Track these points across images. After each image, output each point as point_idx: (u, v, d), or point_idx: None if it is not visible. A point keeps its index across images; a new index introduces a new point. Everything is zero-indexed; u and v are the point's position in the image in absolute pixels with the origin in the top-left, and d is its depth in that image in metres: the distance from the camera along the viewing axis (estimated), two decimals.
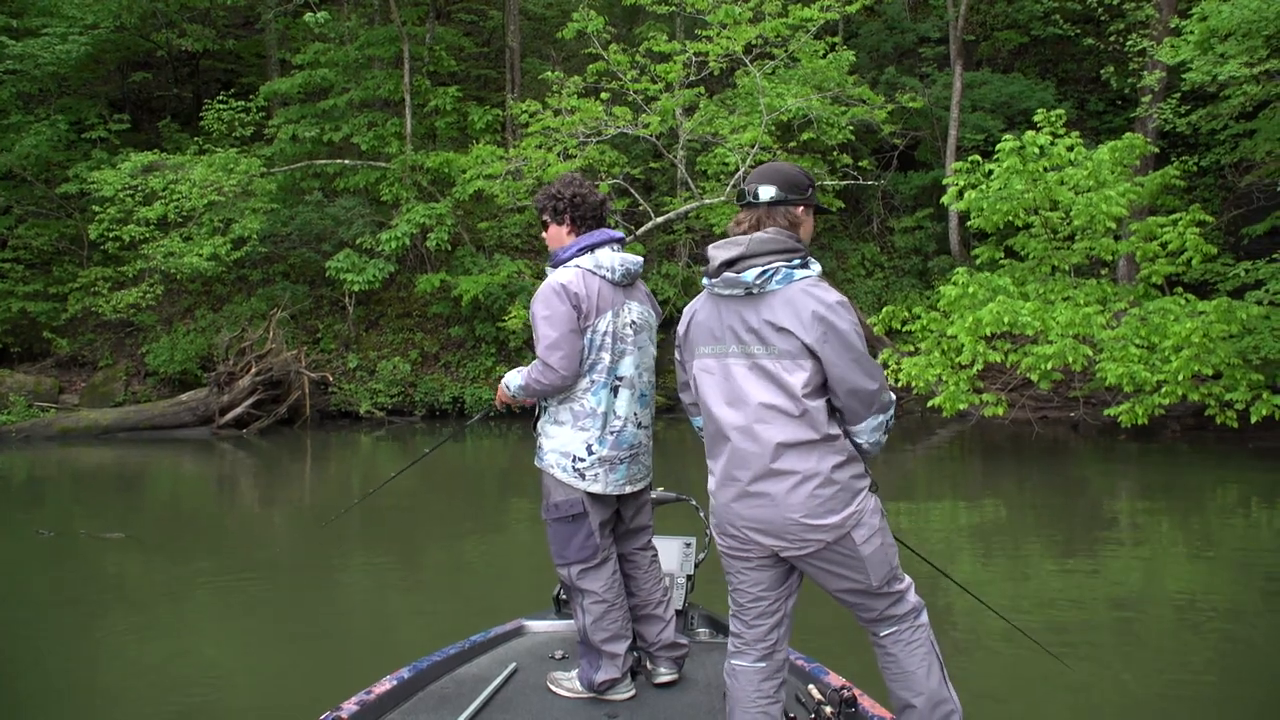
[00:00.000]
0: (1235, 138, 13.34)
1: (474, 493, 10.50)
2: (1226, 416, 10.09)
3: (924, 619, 2.62)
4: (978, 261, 12.80)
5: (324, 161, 15.86)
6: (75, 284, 15.19)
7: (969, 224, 12.65)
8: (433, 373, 15.90)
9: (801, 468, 2.45)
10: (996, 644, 4.83)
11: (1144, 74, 13.46)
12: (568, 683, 3.16)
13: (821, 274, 2.58)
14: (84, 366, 15.84)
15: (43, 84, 15.60)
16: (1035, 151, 10.99)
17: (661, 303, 14.36)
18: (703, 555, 3.92)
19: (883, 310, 12.75)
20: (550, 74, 14.77)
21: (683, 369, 2.76)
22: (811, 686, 3.03)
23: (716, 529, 2.64)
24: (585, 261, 3.07)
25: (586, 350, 3.03)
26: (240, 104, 15.95)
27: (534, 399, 3.15)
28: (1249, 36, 10.03)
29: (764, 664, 2.61)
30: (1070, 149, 11.16)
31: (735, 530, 2.56)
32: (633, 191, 14.87)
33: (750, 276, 2.48)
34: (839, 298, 2.49)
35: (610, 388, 3.06)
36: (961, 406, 10.82)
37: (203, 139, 15.74)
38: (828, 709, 2.87)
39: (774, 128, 14.39)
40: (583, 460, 3.04)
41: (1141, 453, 11.28)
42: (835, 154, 14.83)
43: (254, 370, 13.94)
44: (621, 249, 3.18)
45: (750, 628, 2.62)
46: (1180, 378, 9.64)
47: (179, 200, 14.08)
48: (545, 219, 3.19)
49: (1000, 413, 11.04)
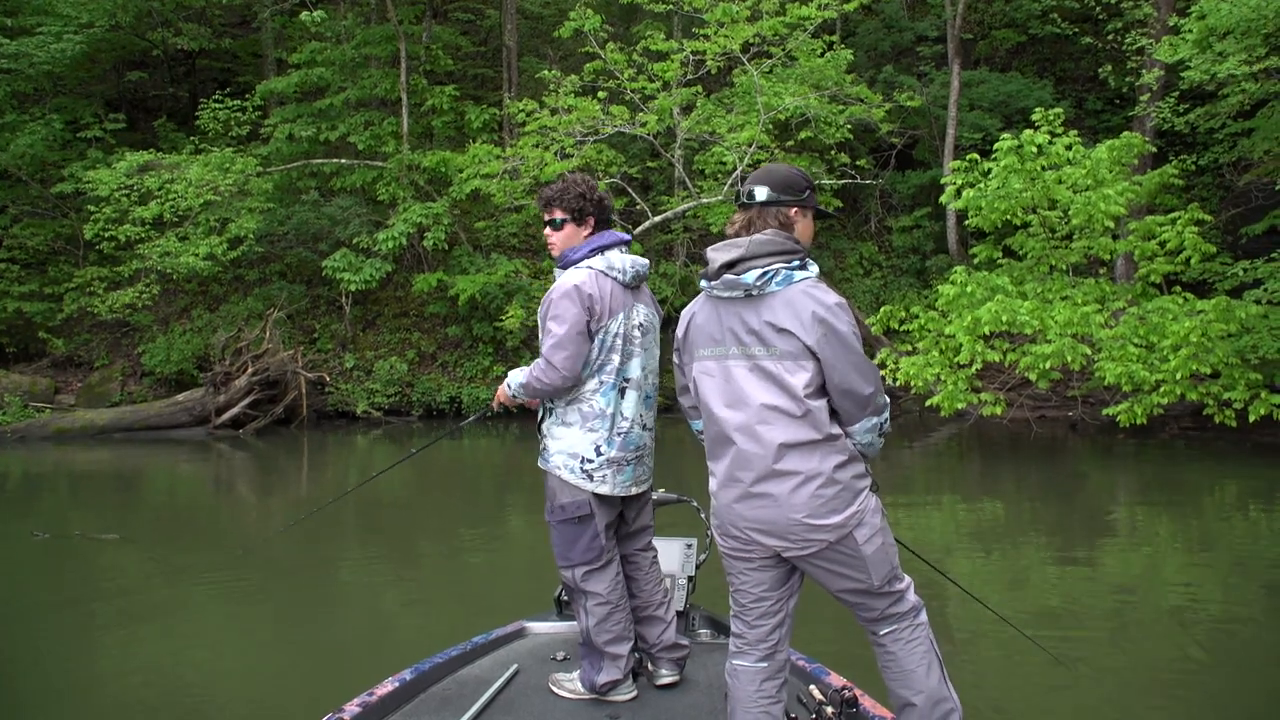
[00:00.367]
0: (1233, 136, 13.34)
1: (472, 493, 10.47)
2: (1225, 415, 10.09)
3: (923, 618, 2.64)
4: (976, 260, 12.79)
5: (320, 161, 15.83)
6: (71, 284, 15.15)
7: (967, 223, 12.65)
8: (430, 373, 15.87)
9: (804, 468, 2.45)
10: (994, 643, 4.82)
11: (1142, 72, 13.46)
12: (569, 684, 3.16)
13: (820, 275, 2.58)
14: (80, 367, 15.80)
15: (38, 83, 15.55)
16: (1033, 150, 10.99)
17: (659, 302, 14.32)
18: (704, 556, 3.92)
19: (881, 310, 12.74)
20: (547, 73, 14.76)
21: (682, 372, 2.76)
22: (813, 687, 3.03)
23: (718, 530, 2.64)
24: (597, 263, 3.06)
25: (597, 351, 3.02)
26: (236, 103, 15.91)
27: (534, 399, 3.14)
28: (1248, 34, 10.04)
29: (765, 664, 2.62)
30: (1068, 148, 11.15)
31: (738, 531, 2.57)
32: (630, 191, 14.86)
33: (750, 278, 2.49)
34: (838, 299, 2.50)
35: (618, 389, 3.06)
36: (960, 406, 10.81)
37: (199, 138, 15.70)
38: (829, 709, 2.87)
39: (771, 126, 14.39)
40: (591, 462, 3.04)
41: (1140, 452, 11.28)
42: (833, 153, 14.83)
43: (250, 370, 13.91)
44: (627, 250, 3.17)
45: (752, 628, 2.63)
46: (1178, 377, 9.63)
47: (175, 200, 14.05)
48: (560, 218, 3.12)
49: (998, 412, 11.04)
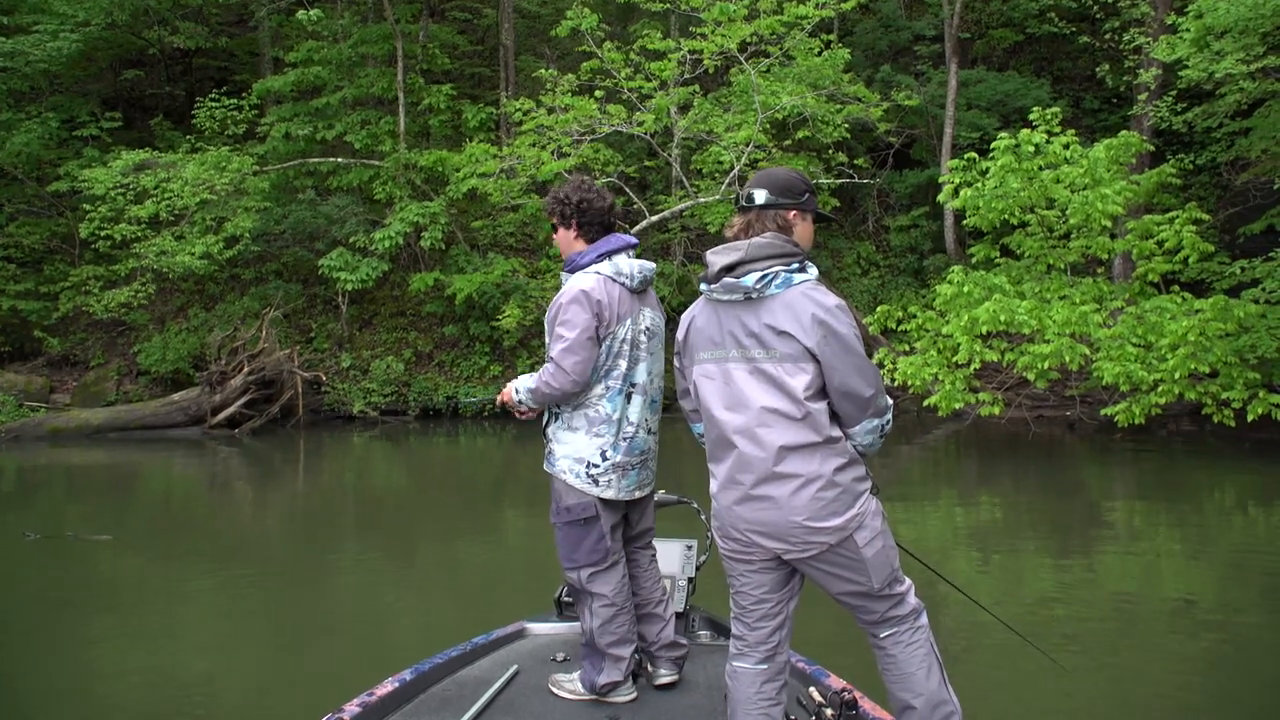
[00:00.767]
0: (1231, 135, 13.36)
1: (471, 493, 10.46)
2: (1223, 415, 10.10)
3: (924, 621, 2.64)
4: (973, 260, 12.79)
5: (317, 160, 15.80)
6: (66, 283, 15.12)
7: (965, 222, 12.64)
8: (426, 372, 15.85)
9: (804, 470, 2.45)
10: (993, 645, 4.81)
11: (1139, 72, 13.46)
12: (569, 685, 3.15)
13: (819, 277, 2.59)
14: (75, 366, 15.76)
15: (34, 81, 15.52)
16: (1031, 149, 10.99)
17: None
18: (704, 558, 3.92)
19: (878, 309, 12.75)
20: (544, 72, 14.75)
21: (682, 376, 2.77)
22: (812, 689, 3.02)
23: (719, 532, 2.64)
24: (605, 268, 3.06)
25: (604, 356, 3.02)
26: (233, 102, 15.89)
27: (540, 406, 3.13)
28: (1245, 33, 10.04)
29: (765, 666, 2.62)
30: (1066, 147, 11.15)
31: (738, 533, 2.56)
32: (627, 190, 14.84)
33: (750, 281, 2.49)
34: (838, 301, 2.50)
35: (625, 394, 3.06)
36: (957, 405, 10.81)
37: (195, 137, 15.68)
38: (829, 711, 2.86)
39: (769, 126, 14.38)
40: (597, 466, 3.04)
41: (1138, 451, 11.29)
42: (830, 152, 14.84)
43: (246, 369, 13.88)
44: (633, 254, 3.17)
45: (752, 630, 2.63)
46: (1177, 376, 9.63)
47: (171, 199, 14.02)
48: (554, 222, 3.20)
49: (996, 412, 11.04)
